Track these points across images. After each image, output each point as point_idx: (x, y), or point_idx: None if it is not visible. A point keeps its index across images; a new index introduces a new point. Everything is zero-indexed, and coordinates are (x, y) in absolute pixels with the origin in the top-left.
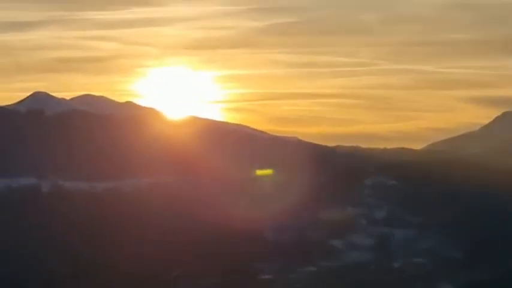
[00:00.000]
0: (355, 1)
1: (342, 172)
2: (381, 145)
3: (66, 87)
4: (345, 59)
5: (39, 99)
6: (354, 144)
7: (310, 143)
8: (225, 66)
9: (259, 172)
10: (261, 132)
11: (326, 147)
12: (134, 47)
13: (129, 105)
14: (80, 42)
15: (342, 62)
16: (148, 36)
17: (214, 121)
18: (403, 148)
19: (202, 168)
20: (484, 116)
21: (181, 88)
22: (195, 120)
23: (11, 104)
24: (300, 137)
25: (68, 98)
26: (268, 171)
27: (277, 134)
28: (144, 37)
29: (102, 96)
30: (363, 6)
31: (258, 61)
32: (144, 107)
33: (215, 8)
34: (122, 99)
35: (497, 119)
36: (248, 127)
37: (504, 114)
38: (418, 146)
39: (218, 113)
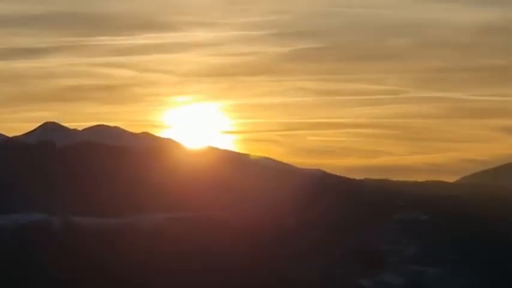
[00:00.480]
0: (383, 26)
1: (370, 207)
2: (412, 178)
3: (78, 117)
4: (373, 87)
5: (50, 130)
6: (383, 177)
7: (336, 175)
8: (246, 95)
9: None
10: (284, 164)
11: (353, 180)
12: (150, 75)
13: (145, 136)
14: (92, 70)
15: (369, 90)
16: (165, 63)
17: (235, 153)
18: (435, 181)
19: (223, 202)
20: None
21: (200, 118)
22: (215, 151)
23: (20, 135)
24: (325, 170)
25: (80, 128)
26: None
27: (301, 166)
28: (161, 64)
29: (117, 127)
30: (391, 31)
31: (280, 89)
32: (161, 137)
33: (235, 33)
34: (138, 130)
35: None
36: (270, 159)
37: None
38: (451, 178)
39: (239, 144)
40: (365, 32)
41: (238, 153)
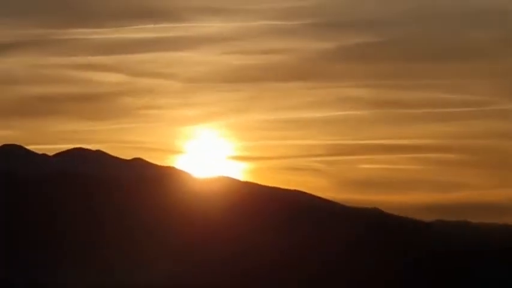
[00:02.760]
0: (461, 14)
1: (444, 259)
2: (500, 219)
3: (49, 138)
4: (448, 96)
5: (10, 155)
6: (461, 219)
7: (398, 216)
8: (276, 107)
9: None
10: (327, 201)
11: (420, 222)
12: (145, 80)
13: (139, 163)
14: (68, 73)
15: (443, 100)
16: (166, 65)
17: (259, 185)
18: None
19: (243, 255)
20: None
21: (212, 138)
22: (231, 184)
23: None
24: (383, 209)
25: (51, 153)
26: None
27: (351, 205)
28: (160, 66)
29: (100, 151)
30: (473, 21)
31: (322, 99)
32: (160, 166)
33: (262, 23)
34: (129, 155)
35: None
36: (309, 194)
37: None
38: None
39: (265, 174)
40: (435, 21)
41: (264, 187)
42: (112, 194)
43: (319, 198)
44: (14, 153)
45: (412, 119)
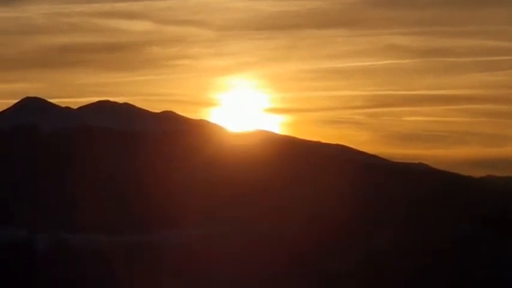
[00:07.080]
0: None
1: (495, 218)
2: None
3: (71, 91)
4: (501, 43)
5: (31, 108)
6: None
7: (446, 172)
8: (315, 56)
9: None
10: (370, 156)
11: (469, 178)
12: (174, 29)
13: (168, 116)
14: (92, 22)
15: (496, 49)
16: (196, 12)
17: (296, 139)
18: None
19: (281, 212)
20: None
21: (247, 90)
22: (268, 138)
23: None
24: (430, 164)
25: (74, 106)
26: None
27: (396, 160)
28: (190, 12)
29: (127, 104)
30: None
31: (364, 47)
32: (191, 119)
33: None
34: (157, 108)
35: None
36: (351, 149)
37: None
38: None
39: (303, 127)
40: None
41: (304, 141)
42: (141, 149)
43: (362, 152)
44: (36, 106)
45: (460, 68)
